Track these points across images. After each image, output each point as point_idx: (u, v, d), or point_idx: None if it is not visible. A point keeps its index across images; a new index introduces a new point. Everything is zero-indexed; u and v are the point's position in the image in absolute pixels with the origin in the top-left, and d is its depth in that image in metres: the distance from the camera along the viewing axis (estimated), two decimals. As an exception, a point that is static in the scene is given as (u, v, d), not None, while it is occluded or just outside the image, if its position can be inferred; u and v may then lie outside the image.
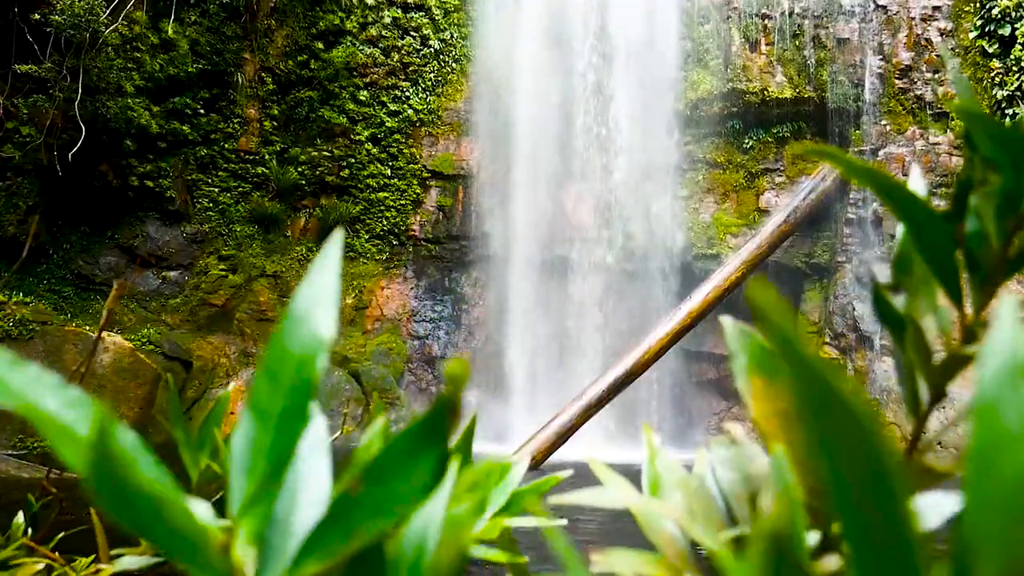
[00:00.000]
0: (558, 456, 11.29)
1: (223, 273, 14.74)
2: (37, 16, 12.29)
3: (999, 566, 0.25)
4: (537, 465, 10.97)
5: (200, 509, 0.36)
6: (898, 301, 0.54)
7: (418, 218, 15.58)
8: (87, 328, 12.19)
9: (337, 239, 0.39)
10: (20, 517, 1.24)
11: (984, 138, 0.45)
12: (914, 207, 0.47)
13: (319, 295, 0.37)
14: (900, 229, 0.56)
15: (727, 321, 0.57)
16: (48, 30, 12.41)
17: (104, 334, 12.08)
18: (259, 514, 0.35)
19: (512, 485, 0.61)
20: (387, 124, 15.54)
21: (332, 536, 0.34)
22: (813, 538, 0.47)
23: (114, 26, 12.79)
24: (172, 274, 14.71)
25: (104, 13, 12.49)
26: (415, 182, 15.58)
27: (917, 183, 0.55)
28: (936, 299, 0.52)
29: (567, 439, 11.30)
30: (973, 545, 0.26)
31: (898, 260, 0.54)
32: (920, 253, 0.48)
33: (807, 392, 0.29)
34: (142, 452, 0.32)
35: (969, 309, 0.49)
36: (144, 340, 13.34)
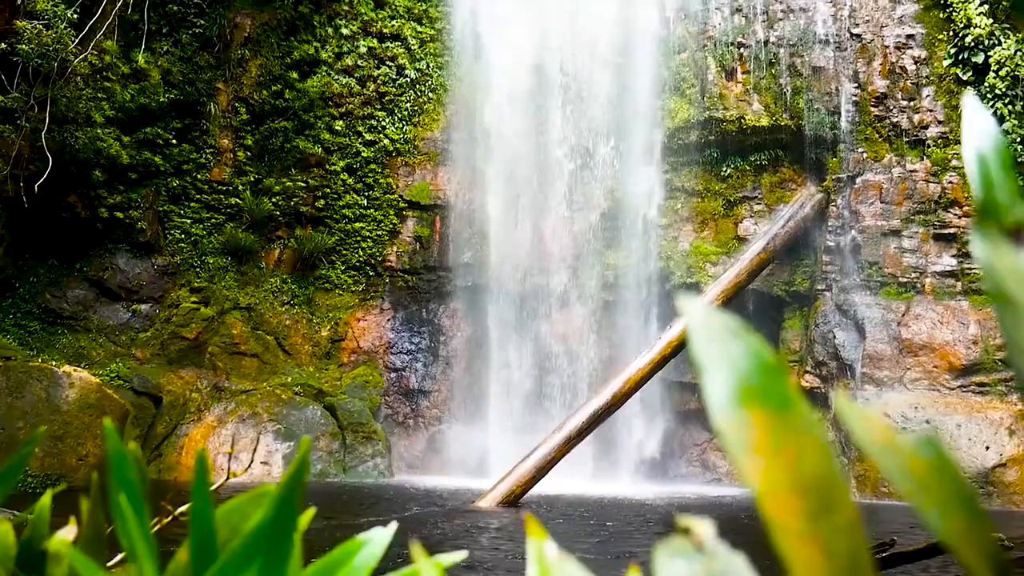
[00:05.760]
0: (538, 490, 11.03)
1: (195, 306, 14.42)
2: (4, 46, 12.06)
3: None
4: (517, 499, 10.70)
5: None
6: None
7: (395, 249, 15.36)
8: (53, 363, 11.84)
9: None
10: None
11: None
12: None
13: None
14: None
15: (692, 307, 0.36)
16: (15, 60, 12.18)
17: (70, 369, 11.75)
18: None
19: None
20: (363, 154, 15.35)
21: None
22: None
23: (83, 55, 12.58)
24: (142, 307, 14.37)
25: (73, 43, 12.28)
26: (391, 212, 15.37)
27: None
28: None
29: (547, 472, 11.05)
30: None
31: None
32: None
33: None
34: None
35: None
36: (113, 375, 12.99)
